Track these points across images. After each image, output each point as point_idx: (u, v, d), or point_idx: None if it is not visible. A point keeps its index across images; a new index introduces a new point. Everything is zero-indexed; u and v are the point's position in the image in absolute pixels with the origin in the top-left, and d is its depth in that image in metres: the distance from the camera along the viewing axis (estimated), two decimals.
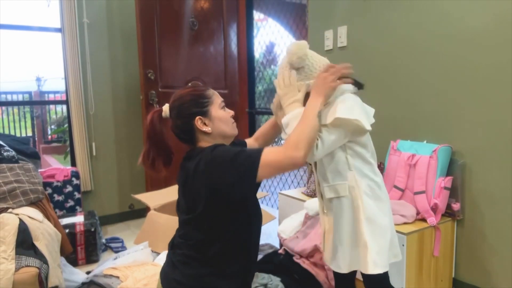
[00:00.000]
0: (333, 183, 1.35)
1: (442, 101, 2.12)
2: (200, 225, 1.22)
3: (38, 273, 1.78)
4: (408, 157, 2.08)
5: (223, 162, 1.13)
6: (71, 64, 3.16)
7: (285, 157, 1.12)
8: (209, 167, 1.14)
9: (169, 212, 2.45)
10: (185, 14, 3.37)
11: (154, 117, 1.28)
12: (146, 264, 2.13)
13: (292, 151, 1.12)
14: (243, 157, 1.13)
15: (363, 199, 1.32)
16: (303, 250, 2.14)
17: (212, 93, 1.29)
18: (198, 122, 1.24)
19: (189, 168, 1.20)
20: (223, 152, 1.16)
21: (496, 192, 1.93)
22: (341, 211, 1.35)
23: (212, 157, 1.15)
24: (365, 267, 1.31)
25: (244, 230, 1.26)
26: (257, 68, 4.30)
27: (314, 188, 2.52)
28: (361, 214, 1.32)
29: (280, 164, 1.13)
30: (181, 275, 1.23)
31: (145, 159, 1.28)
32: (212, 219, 1.20)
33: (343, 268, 1.37)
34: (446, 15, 2.06)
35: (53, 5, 3.21)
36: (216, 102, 1.28)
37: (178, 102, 1.27)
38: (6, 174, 2.25)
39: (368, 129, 1.28)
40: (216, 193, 1.15)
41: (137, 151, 3.46)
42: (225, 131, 1.28)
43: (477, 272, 2.03)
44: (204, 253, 1.22)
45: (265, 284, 1.99)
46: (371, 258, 1.30)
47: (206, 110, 1.25)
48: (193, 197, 1.20)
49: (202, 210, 1.18)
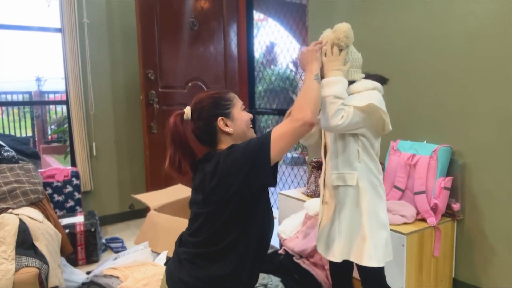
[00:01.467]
0: (343, 171, 1.39)
1: (442, 101, 2.12)
2: (212, 221, 1.22)
3: (38, 273, 1.79)
4: (408, 157, 2.08)
5: (237, 153, 1.17)
6: (71, 64, 3.16)
7: (293, 122, 1.15)
8: (226, 161, 1.17)
9: (169, 212, 2.45)
10: (185, 14, 3.37)
11: (177, 119, 1.28)
12: (146, 264, 2.13)
13: (298, 113, 1.16)
14: (254, 141, 1.17)
15: (367, 192, 1.37)
16: (303, 250, 2.14)
17: (233, 96, 1.32)
18: (221, 122, 1.26)
19: (207, 169, 1.21)
20: (238, 146, 1.20)
21: (496, 192, 1.93)
22: (344, 200, 1.39)
23: (229, 153, 1.18)
24: (360, 258, 1.35)
25: (255, 229, 1.25)
26: (257, 68, 4.30)
27: (314, 188, 2.53)
28: (364, 206, 1.36)
29: (291, 131, 1.15)
30: (187, 274, 1.23)
31: (172, 163, 1.28)
32: (226, 216, 1.20)
33: (337, 257, 1.40)
34: (446, 16, 2.06)
35: (53, 5, 3.21)
36: (238, 104, 1.31)
37: (200, 105, 1.28)
38: (6, 174, 2.25)
39: (390, 129, 1.38)
40: (233, 185, 1.15)
41: (137, 151, 3.49)
42: (246, 132, 1.30)
43: (477, 272, 2.03)
44: (213, 251, 1.22)
45: (265, 284, 1.99)
46: (368, 250, 1.34)
47: (228, 112, 1.27)
48: (209, 192, 1.20)
49: (217, 205, 1.19)
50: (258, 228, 1.26)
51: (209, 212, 1.21)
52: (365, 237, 1.35)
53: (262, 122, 5.09)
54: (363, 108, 1.30)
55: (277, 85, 5.23)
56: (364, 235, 1.35)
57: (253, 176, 1.15)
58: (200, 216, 1.25)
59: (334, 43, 1.34)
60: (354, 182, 1.37)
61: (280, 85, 5.32)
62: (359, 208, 1.37)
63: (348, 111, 1.28)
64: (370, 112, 1.32)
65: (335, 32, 1.34)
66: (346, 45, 1.34)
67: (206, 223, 1.23)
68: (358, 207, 1.38)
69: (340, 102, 1.28)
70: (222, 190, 1.17)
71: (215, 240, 1.22)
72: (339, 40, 1.33)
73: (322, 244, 1.45)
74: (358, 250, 1.36)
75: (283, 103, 4.56)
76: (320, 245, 1.46)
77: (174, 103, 3.29)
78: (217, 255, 1.22)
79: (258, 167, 1.14)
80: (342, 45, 1.33)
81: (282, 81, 5.45)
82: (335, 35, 1.33)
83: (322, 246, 1.45)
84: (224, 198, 1.17)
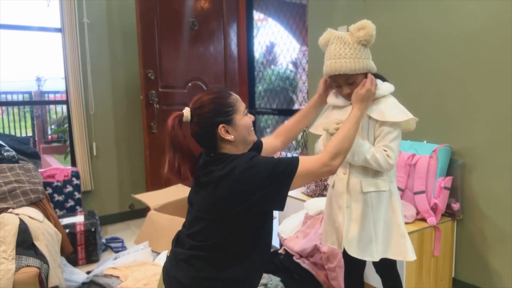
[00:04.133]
0: (375, 177, 1.41)
1: (442, 101, 2.12)
2: (216, 228, 1.19)
3: (38, 273, 1.79)
4: (408, 157, 2.08)
5: (259, 172, 1.13)
6: (71, 64, 3.16)
7: (323, 165, 1.17)
8: (245, 175, 1.13)
9: (169, 212, 2.45)
10: (185, 14, 3.37)
11: (175, 123, 1.20)
12: (146, 264, 2.13)
13: (331, 159, 1.17)
14: (281, 168, 1.14)
15: (397, 192, 1.46)
16: (303, 250, 2.14)
17: (236, 100, 1.24)
18: (222, 130, 1.19)
19: (217, 173, 1.17)
20: (260, 163, 1.15)
21: (496, 192, 1.93)
22: (378, 204, 1.42)
23: (249, 166, 1.14)
24: (405, 255, 1.42)
25: (257, 238, 1.24)
26: (257, 68, 4.30)
27: (314, 188, 2.53)
28: (397, 206, 1.44)
29: (317, 172, 1.17)
30: (183, 275, 1.21)
31: (171, 168, 1.21)
32: (230, 224, 1.18)
33: (376, 257, 1.42)
34: (446, 16, 2.06)
35: (53, 5, 3.21)
36: (240, 109, 1.24)
37: (199, 110, 1.21)
38: (7, 174, 2.25)
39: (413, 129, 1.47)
40: (245, 201, 1.14)
41: (137, 151, 3.49)
42: (247, 138, 1.25)
43: (477, 272, 2.03)
44: (213, 256, 1.19)
45: (265, 284, 1.99)
46: (410, 246, 1.42)
47: (230, 118, 1.21)
48: (217, 200, 1.17)
49: (222, 214, 1.16)
50: (262, 237, 1.25)
51: (214, 220, 1.18)
52: (404, 234, 1.42)
53: (262, 122, 5.09)
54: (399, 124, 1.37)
55: (277, 85, 5.23)
56: (403, 233, 1.42)
57: (268, 199, 1.15)
58: (203, 221, 1.21)
59: (363, 40, 1.31)
60: (387, 187, 1.42)
61: (280, 85, 5.32)
62: (392, 209, 1.43)
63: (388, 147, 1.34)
64: (403, 124, 1.40)
65: (365, 28, 1.31)
66: (369, 44, 1.35)
67: (208, 229, 1.20)
68: (391, 208, 1.43)
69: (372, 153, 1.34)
70: (232, 201, 1.14)
71: (218, 246, 1.19)
72: (372, 36, 1.32)
73: (353, 248, 1.44)
74: (398, 248, 1.42)
75: (283, 103, 4.55)
76: (352, 249, 1.44)
77: (174, 103, 3.29)
78: (219, 261, 1.20)
79: (276, 193, 1.15)
80: (372, 41, 1.33)
81: (282, 81, 5.45)
82: (367, 31, 1.31)
83: (354, 249, 1.44)
84: (232, 210, 1.15)
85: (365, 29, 1.31)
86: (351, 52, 1.32)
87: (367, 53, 1.35)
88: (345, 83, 1.37)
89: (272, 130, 6.71)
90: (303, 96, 5.06)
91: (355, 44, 1.32)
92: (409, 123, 1.44)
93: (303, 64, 4.92)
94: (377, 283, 1.75)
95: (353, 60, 1.31)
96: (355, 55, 1.32)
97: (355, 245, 1.44)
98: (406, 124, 1.43)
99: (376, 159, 1.34)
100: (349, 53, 1.32)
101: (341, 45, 1.33)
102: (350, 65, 1.31)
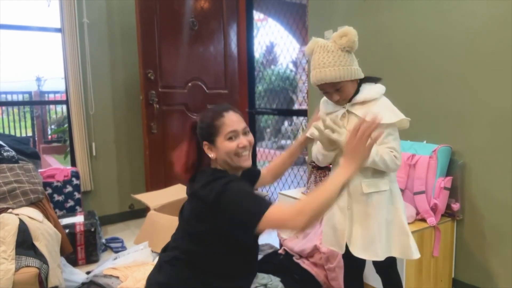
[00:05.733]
0: (375, 178, 1.42)
1: (442, 101, 2.12)
2: (196, 239, 1.24)
3: (38, 273, 1.79)
4: (408, 157, 2.08)
5: (231, 203, 1.15)
6: (71, 64, 3.16)
7: (289, 219, 1.09)
8: (217, 201, 1.15)
9: (169, 212, 2.45)
10: (185, 14, 3.37)
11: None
12: (146, 264, 2.14)
13: (298, 215, 1.08)
14: (249, 205, 1.14)
15: (398, 192, 1.47)
16: (303, 250, 2.14)
17: (222, 124, 1.24)
18: (205, 147, 1.29)
19: (196, 187, 1.23)
20: (233, 192, 1.16)
21: (496, 192, 1.93)
22: (380, 204, 1.42)
23: (222, 191, 1.16)
24: (409, 253, 1.43)
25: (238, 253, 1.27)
26: (257, 68, 4.30)
27: (314, 188, 2.53)
28: (399, 205, 1.45)
29: (281, 224, 1.14)
30: (165, 276, 1.25)
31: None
32: (209, 238, 1.23)
33: (381, 256, 1.42)
34: (446, 16, 2.06)
35: (53, 5, 3.21)
36: (223, 133, 1.24)
37: (197, 123, 1.32)
38: (6, 174, 2.25)
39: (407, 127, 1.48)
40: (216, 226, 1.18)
41: (137, 151, 3.49)
42: (229, 162, 1.26)
43: (477, 272, 2.03)
44: (197, 262, 1.24)
45: (265, 284, 1.99)
46: (413, 244, 1.44)
47: (212, 139, 1.27)
48: (195, 215, 1.23)
49: (200, 229, 1.22)
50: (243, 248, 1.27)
51: (193, 231, 1.25)
52: (407, 233, 1.44)
53: (262, 122, 5.09)
54: (393, 124, 1.39)
55: (277, 85, 5.23)
56: (406, 232, 1.44)
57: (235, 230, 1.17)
58: (185, 230, 1.29)
59: (347, 47, 1.35)
60: (387, 187, 1.42)
61: (280, 85, 5.32)
62: (395, 208, 1.44)
63: (393, 148, 1.37)
64: (398, 124, 1.41)
65: (347, 35, 1.34)
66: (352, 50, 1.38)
67: (189, 239, 1.26)
68: (393, 207, 1.44)
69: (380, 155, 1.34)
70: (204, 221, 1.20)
71: (200, 254, 1.24)
72: (354, 43, 1.35)
73: (358, 248, 1.45)
74: (401, 246, 1.44)
75: (283, 103, 4.56)
76: (356, 250, 1.45)
77: (174, 103, 3.29)
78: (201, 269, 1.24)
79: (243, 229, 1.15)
80: (355, 46, 1.36)
81: (282, 81, 5.45)
82: (349, 38, 1.34)
83: (359, 250, 1.44)
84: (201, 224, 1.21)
85: (347, 36, 1.34)
86: (335, 60, 1.34)
87: (351, 59, 1.38)
88: (333, 90, 1.40)
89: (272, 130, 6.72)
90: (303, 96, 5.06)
91: (338, 52, 1.35)
92: (403, 122, 1.45)
93: (303, 64, 4.93)
94: (377, 283, 1.75)
95: (337, 68, 1.34)
96: (339, 62, 1.34)
97: (360, 245, 1.44)
98: (401, 123, 1.44)
99: (385, 160, 1.35)
100: (332, 61, 1.34)
101: (324, 53, 1.36)
102: (334, 73, 1.34)
